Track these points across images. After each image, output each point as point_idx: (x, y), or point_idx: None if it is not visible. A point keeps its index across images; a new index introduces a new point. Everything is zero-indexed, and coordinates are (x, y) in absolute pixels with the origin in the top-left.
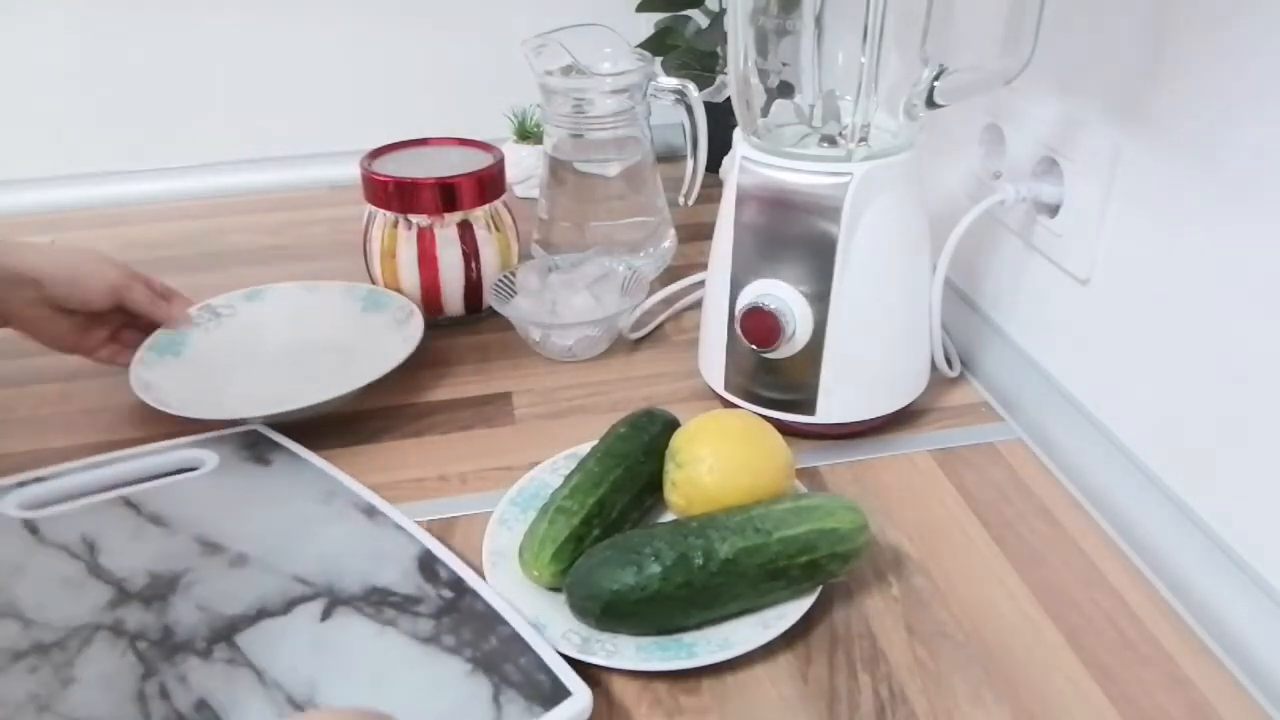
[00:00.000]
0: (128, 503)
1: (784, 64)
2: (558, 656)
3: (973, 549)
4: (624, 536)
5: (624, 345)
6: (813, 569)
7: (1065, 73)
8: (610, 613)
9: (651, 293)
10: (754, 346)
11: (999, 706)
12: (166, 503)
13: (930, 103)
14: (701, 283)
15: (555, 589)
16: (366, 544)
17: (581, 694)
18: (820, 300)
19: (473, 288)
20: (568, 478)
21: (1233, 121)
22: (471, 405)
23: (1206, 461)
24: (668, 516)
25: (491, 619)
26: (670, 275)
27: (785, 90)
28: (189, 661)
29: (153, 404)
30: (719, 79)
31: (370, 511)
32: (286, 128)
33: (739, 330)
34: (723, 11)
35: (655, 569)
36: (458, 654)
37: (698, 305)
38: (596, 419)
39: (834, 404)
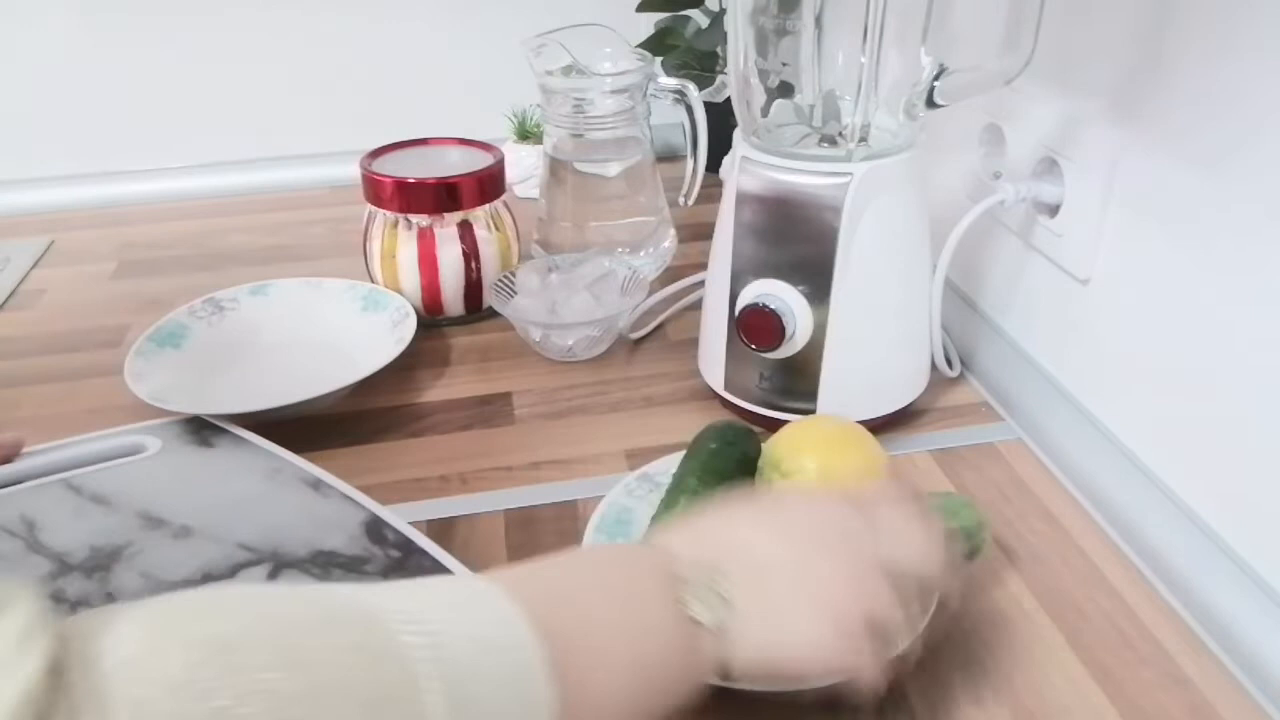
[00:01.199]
0: (68, 486)
1: (784, 64)
2: None
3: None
4: None
5: (624, 345)
6: None
7: (1065, 73)
8: None
9: (651, 293)
10: (754, 346)
11: (999, 706)
12: (107, 484)
13: (930, 103)
14: (701, 283)
15: None
16: (312, 513)
17: None
18: (820, 300)
19: (473, 288)
20: (667, 500)
21: (1233, 120)
22: (471, 405)
23: (1206, 462)
24: None
25: (440, 571)
26: (670, 275)
27: (785, 90)
28: None
29: (143, 396)
30: (719, 79)
31: (316, 485)
32: (286, 128)
33: (739, 330)
34: (723, 11)
35: None
36: None
37: (698, 305)
38: (597, 419)
39: (834, 404)
